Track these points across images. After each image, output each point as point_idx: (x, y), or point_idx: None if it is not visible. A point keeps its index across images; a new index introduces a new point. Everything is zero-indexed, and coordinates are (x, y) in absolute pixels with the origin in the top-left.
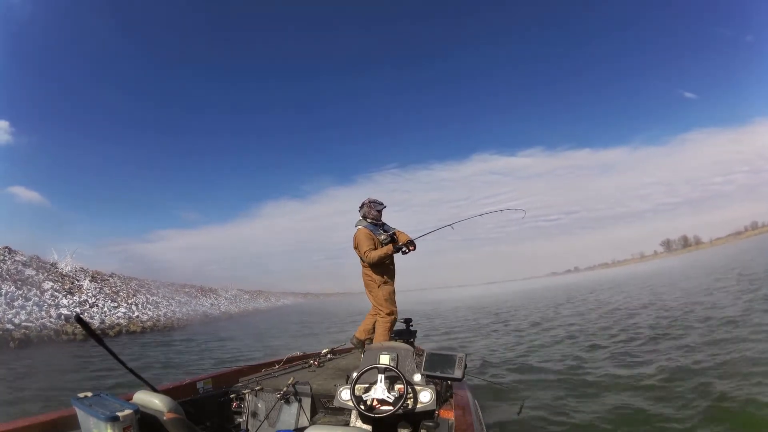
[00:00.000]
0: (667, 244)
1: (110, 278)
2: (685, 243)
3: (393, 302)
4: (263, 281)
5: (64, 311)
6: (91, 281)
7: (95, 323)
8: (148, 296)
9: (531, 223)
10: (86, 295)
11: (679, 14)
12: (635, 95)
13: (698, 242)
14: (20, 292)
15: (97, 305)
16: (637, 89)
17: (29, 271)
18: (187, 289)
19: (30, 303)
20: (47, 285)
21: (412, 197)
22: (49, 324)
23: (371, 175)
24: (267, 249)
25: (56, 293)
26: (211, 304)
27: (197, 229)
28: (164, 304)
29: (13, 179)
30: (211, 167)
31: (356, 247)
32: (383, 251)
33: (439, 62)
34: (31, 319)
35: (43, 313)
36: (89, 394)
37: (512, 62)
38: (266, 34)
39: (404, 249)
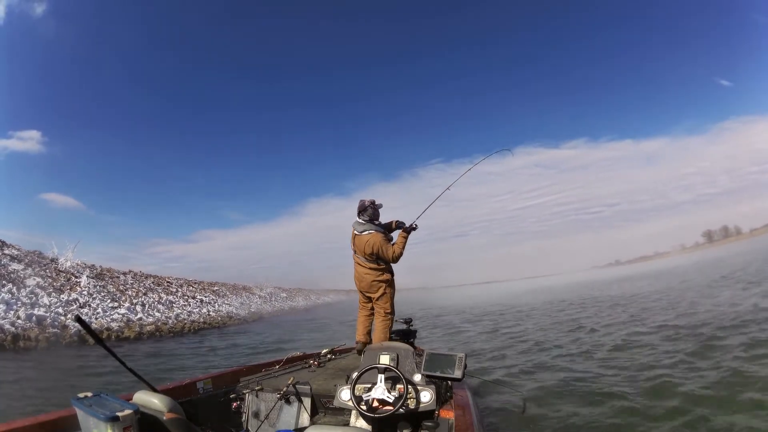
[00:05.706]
0: (709, 235)
1: (122, 276)
2: (726, 234)
3: (394, 302)
4: (306, 279)
5: (41, 312)
6: (91, 278)
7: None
8: (163, 295)
9: (573, 216)
10: (79, 293)
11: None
12: (674, 83)
13: (739, 233)
14: None
15: (89, 305)
16: (676, 77)
17: (15, 266)
18: (215, 288)
19: None
20: (32, 281)
21: (458, 192)
22: (8, 327)
23: (416, 170)
24: (311, 247)
25: (40, 290)
26: (240, 304)
27: (241, 228)
28: (179, 304)
29: (48, 186)
30: (255, 167)
31: (373, 252)
32: (403, 244)
33: (481, 53)
34: None
35: (10, 314)
36: (89, 394)
37: (556, 52)
38: (305, 31)
39: (414, 226)
